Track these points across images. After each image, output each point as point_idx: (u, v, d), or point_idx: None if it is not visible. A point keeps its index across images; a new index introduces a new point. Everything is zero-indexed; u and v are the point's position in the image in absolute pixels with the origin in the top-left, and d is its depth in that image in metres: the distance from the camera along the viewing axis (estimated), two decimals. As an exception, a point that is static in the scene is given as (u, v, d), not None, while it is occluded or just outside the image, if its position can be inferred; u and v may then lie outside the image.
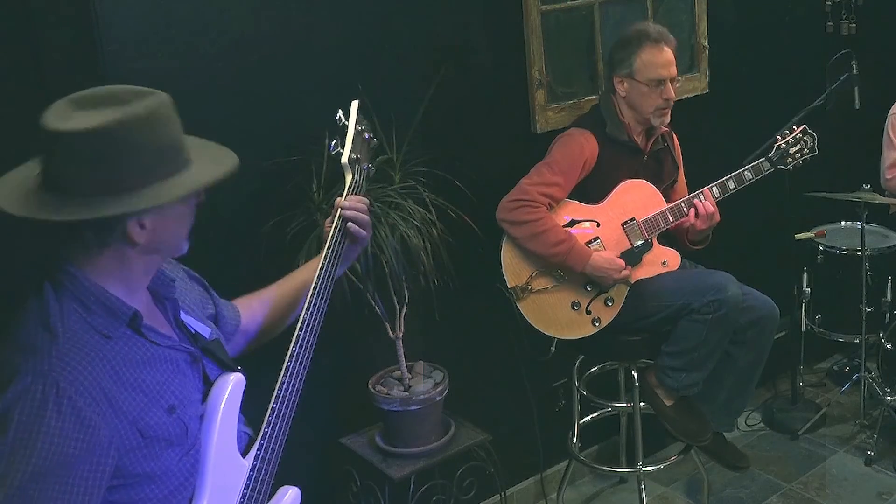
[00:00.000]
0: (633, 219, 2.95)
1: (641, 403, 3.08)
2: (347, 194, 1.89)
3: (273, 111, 2.62)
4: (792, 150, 3.09)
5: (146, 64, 2.39)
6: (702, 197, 2.97)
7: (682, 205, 2.98)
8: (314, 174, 2.58)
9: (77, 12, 2.34)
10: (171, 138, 1.49)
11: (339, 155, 1.94)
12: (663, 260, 3.00)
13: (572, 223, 2.90)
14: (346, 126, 1.96)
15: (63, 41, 2.42)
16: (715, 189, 2.99)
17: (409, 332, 2.77)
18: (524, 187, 2.83)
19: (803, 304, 3.84)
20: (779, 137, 3.12)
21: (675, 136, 3.14)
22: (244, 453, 1.64)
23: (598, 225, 2.94)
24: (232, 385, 1.63)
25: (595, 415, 3.42)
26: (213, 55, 2.51)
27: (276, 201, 2.57)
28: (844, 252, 3.71)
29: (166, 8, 2.43)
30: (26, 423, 1.37)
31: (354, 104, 2.00)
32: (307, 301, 1.74)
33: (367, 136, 2.00)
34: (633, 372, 3.05)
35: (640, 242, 2.95)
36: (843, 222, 3.92)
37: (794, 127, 3.15)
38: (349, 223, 1.84)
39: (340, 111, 1.99)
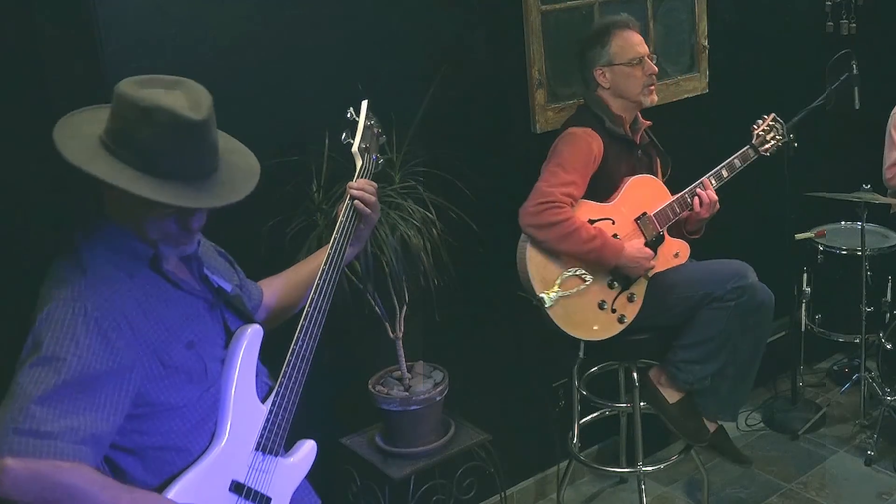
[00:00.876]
0: (644, 213, 2.97)
1: (641, 403, 3.08)
2: (357, 179, 2.08)
3: (273, 111, 2.62)
4: (768, 137, 3.21)
5: (146, 64, 2.38)
6: (702, 186, 3.02)
7: (687, 196, 3.02)
8: (314, 174, 2.59)
9: (77, 12, 2.34)
10: (192, 152, 1.62)
11: (350, 145, 2.12)
12: (675, 252, 3.03)
13: (589, 223, 2.88)
14: (357, 121, 2.13)
15: (63, 41, 2.41)
16: (712, 179, 3.05)
17: (409, 332, 2.77)
18: (545, 190, 2.79)
19: (803, 304, 3.83)
20: (755, 126, 3.22)
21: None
22: (263, 401, 1.79)
23: (614, 222, 2.93)
24: (251, 334, 1.79)
25: (595, 415, 3.43)
26: (213, 55, 2.51)
27: (276, 201, 2.57)
28: (844, 252, 3.72)
29: (166, 8, 2.43)
30: (58, 339, 1.53)
31: (365, 103, 2.18)
32: (321, 269, 1.91)
33: (376, 130, 2.19)
34: (633, 372, 3.05)
35: (653, 236, 2.97)
36: (843, 222, 3.93)
37: (766, 116, 3.25)
38: (356, 201, 2.01)
39: (351, 108, 2.14)
